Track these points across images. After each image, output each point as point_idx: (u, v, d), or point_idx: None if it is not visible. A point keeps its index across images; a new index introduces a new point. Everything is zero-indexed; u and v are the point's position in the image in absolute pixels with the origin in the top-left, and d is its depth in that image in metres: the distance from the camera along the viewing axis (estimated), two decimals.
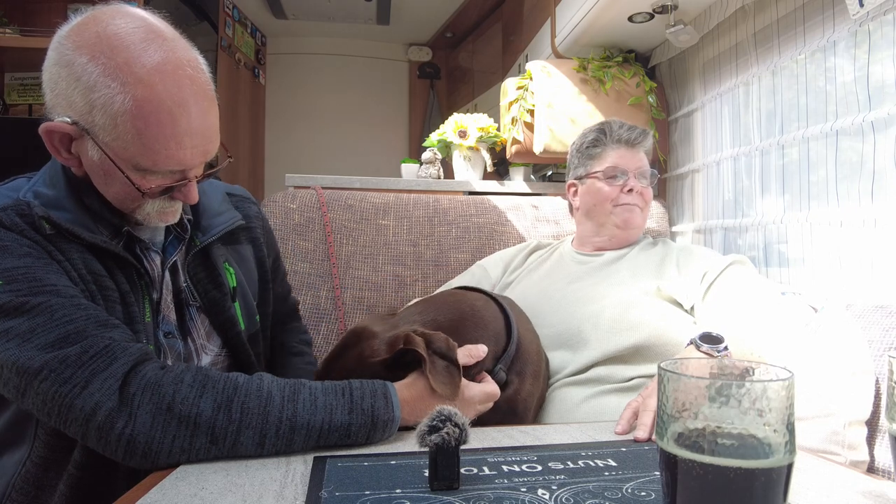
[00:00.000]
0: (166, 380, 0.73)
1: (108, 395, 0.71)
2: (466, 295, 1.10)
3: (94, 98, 0.75)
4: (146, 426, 0.71)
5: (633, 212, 1.43)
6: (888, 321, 1.12)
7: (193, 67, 0.80)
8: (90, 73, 0.75)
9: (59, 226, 0.81)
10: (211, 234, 0.98)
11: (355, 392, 0.79)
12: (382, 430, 0.79)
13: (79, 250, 0.82)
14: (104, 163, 0.80)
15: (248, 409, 0.74)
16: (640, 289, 1.26)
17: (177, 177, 0.84)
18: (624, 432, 0.87)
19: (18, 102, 2.62)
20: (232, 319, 0.99)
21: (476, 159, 2.20)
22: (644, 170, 1.46)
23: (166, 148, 0.78)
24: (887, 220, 1.25)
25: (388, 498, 0.62)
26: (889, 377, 0.61)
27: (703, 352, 1.01)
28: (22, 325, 0.73)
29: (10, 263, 0.75)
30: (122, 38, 0.76)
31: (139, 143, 0.77)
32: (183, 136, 0.79)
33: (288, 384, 0.78)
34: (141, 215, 0.87)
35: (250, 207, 1.13)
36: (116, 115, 0.75)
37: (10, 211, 0.79)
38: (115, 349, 0.74)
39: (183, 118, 0.78)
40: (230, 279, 1.01)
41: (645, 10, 1.80)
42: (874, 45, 1.28)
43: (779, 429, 0.45)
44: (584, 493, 0.64)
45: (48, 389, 0.71)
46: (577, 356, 1.20)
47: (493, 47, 3.65)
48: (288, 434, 0.74)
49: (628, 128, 1.47)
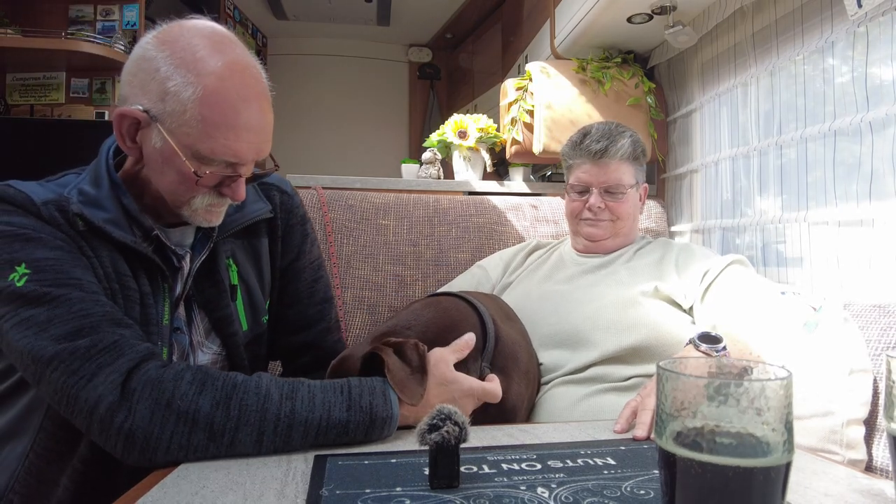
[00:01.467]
0: (167, 376, 0.75)
1: (110, 389, 0.73)
2: (438, 301, 1.08)
3: (168, 87, 0.82)
4: (145, 420, 0.72)
5: (597, 226, 1.41)
6: (886, 320, 1.12)
7: (258, 71, 0.88)
8: (168, 65, 0.82)
9: (91, 223, 0.84)
10: (227, 229, 0.99)
11: (353, 390, 0.80)
12: (381, 427, 0.80)
13: (108, 249, 0.86)
14: (165, 150, 0.84)
15: (246, 406, 0.75)
16: (639, 289, 1.26)
17: (229, 171, 0.87)
18: (622, 431, 0.88)
19: (19, 103, 2.63)
20: (228, 318, 0.98)
21: (476, 159, 2.20)
22: (611, 185, 1.40)
23: (225, 137, 0.83)
24: (885, 219, 1.25)
25: (389, 496, 0.62)
26: (887, 376, 0.61)
27: (702, 351, 1.01)
28: (41, 315, 0.76)
29: (42, 254, 0.79)
30: (199, 39, 0.84)
31: (201, 129, 0.82)
32: (242, 129, 0.84)
33: (286, 382, 0.79)
34: (188, 211, 0.89)
35: (280, 197, 1.10)
36: (186, 101, 0.81)
37: (52, 205, 0.84)
38: (123, 345, 0.76)
39: (244, 112, 0.84)
40: (232, 276, 1.00)
41: (644, 11, 1.80)
42: (872, 45, 1.28)
43: (777, 428, 0.45)
44: (584, 491, 0.64)
45: (58, 379, 0.74)
46: (576, 356, 1.20)
47: (493, 48, 3.65)
48: (286, 431, 0.75)
49: (598, 138, 1.40)
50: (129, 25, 2.65)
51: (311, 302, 1.13)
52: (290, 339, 1.13)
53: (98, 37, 2.54)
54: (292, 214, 1.11)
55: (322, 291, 1.15)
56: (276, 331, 1.12)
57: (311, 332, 1.13)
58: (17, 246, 0.79)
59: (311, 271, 1.14)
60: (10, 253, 0.78)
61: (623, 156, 1.39)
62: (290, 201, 1.11)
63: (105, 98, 2.65)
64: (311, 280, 1.13)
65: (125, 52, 2.56)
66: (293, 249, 1.11)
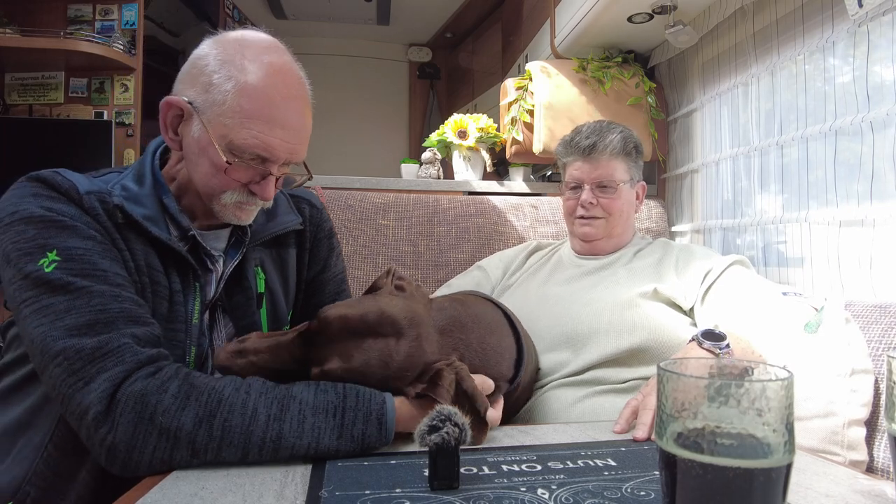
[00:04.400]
0: (150, 388, 0.73)
1: (99, 398, 0.72)
2: (495, 316, 1.01)
3: (213, 79, 0.86)
4: (126, 435, 0.71)
5: (591, 225, 1.41)
6: (887, 321, 1.12)
7: (302, 78, 0.93)
8: (216, 61, 0.87)
9: (130, 217, 0.86)
10: (258, 237, 1.00)
11: (347, 413, 0.77)
12: (372, 450, 0.78)
13: (143, 244, 0.87)
14: (202, 139, 0.87)
15: (231, 426, 0.73)
16: (637, 291, 1.26)
17: (258, 165, 0.89)
18: (623, 431, 0.88)
19: (19, 102, 2.62)
20: (254, 326, 0.98)
21: (476, 159, 2.20)
22: (604, 180, 1.40)
23: (259, 130, 0.86)
24: (886, 219, 1.25)
25: (389, 497, 0.62)
26: (888, 377, 0.61)
27: (705, 349, 1.01)
28: (61, 304, 0.76)
29: (74, 243, 0.80)
30: (251, 42, 0.89)
31: (237, 120, 0.85)
32: (276, 125, 0.87)
33: (276, 399, 0.76)
34: (219, 206, 0.91)
35: (310, 210, 1.12)
36: (227, 92, 0.85)
37: (93, 196, 0.85)
38: (126, 351, 0.75)
39: (282, 109, 0.87)
40: (259, 284, 1.01)
41: (644, 11, 1.80)
42: (873, 45, 1.28)
43: (778, 428, 0.45)
44: (584, 492, 0.64)
45: (58, 375, 0.74)
46: (575, 358, 1.20)
47: (493, 48, 3.65)
48: (272, 453, 0.74)
49: (587, 135, 1.41)
50: (128, 25, 2.65)
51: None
52: None
53: (97, 36, 2.54)
54: (321, 228, 1.14)
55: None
56: None
57: None
58: (53, 232, 0.80)
59: (335, 284, 1.16)
60: (46, 238, 0.79)
61: (613, 151, 1.40)
62: (318, 215, 1.14)
63: (104, 98, 2.64)
64: (334, 293, 1.15)
65: (124, 52, 2.56)
66: (320, 262, 1.13)
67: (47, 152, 2.48)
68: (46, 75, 2.63)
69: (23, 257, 0.78)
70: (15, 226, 0.80)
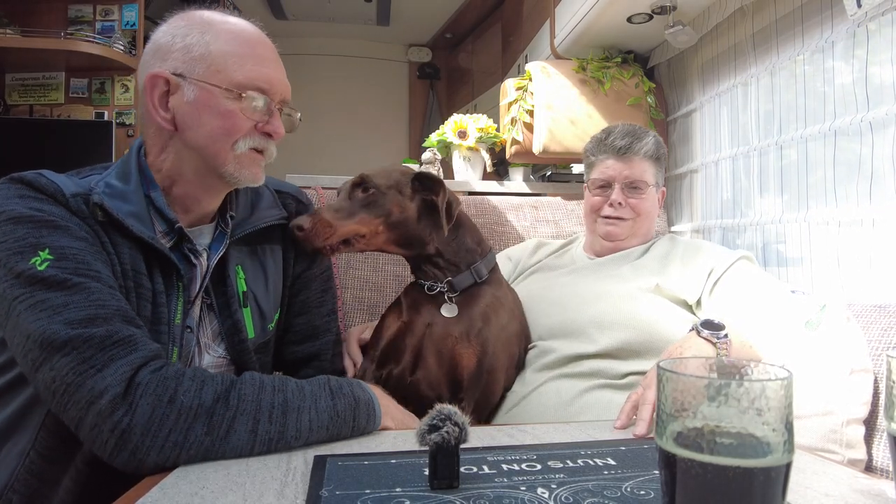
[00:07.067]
0: (169, 374, 0.76)
1: (117, 382, 0.72)
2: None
3: (188, 40, 0.89)
4: (144, 417, 0.72)
5: (616, 225, 1.41)
6: (887, 321, 1.12)
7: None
8: (182, 31, 0.90)
9: (110, 215, 0.85)
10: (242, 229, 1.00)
11: (332, 381, 0.86)
12: (365, 410, 0.85)
13: (129, 246, 0.87)
14: (201, 96, 0.88)
15: (244, 396, 0.77)
16: (638, 285, 1.26)
17: (264, 110, 0.91)
18: (624, 426, 0.88)
19: (19, 103, 2.63)
20: (237, 325, 0.98)
21: (475, 159, 2.20)
22: (634, 180, 1.40)
23: (253, 63, 0.90)
24: (885, 219, 1.25)
25: (389, 497, 0.62)
26: (888, 376, 0.61)
27: (704, 338, 1.01)
28: (58, 299, 0.76)
29: (66, 242, 0.80)
30: (218, 16, 0.93)
31: (230, 62, 0.89)
32: (265, 60, 0.92)
33: (277, 377, 0.84)
34: (233, 164, 0.91)
35: (297, 206, 1.12)
36: (207, 45, 0.88)
37: (79, 198, 0.86)
38: (137, 341, 0.77)
39: (263, 47, 0.93)
40: (240, 283, 1.00)
41: (644, 11, 1.80)
42: (872, 45, 1.28)
43: (777, 428, 0.45)
44: (584, 491, 0.64)
45: (66, 365, 0.73)
46: (572, 346, 1.20)
47: (493, 48, 3.65)
48: (280, 419, 0.77)
49: (622, 136, 1.41)
50: (128, 25, 2.65)
51: (320, 312, 1.15)
52: (296, 348, 1.13)
53: (97, 37, 2.54)
54: None
55: (330, 303, 1.17)
56: (284, 340, 1.13)
57: (318, 343, 1.14)
58: (45, 231, 0.80)
59: (322, 282, 1.16)
60: (37, 237, 0.79)
61: (647, 153, 1.41)
62: (305, 210, 1.13)
63: (104, 98, 2.65)
64: (320, 290, 1.15)
65: (124, 52, 2.56)
66: (306, 258, 1.13)
67: (48, 153, 2.49)
68: (47, 76, 2.63)
69: (13, 256, 0.78)
70: (2, 226, 0.80)
